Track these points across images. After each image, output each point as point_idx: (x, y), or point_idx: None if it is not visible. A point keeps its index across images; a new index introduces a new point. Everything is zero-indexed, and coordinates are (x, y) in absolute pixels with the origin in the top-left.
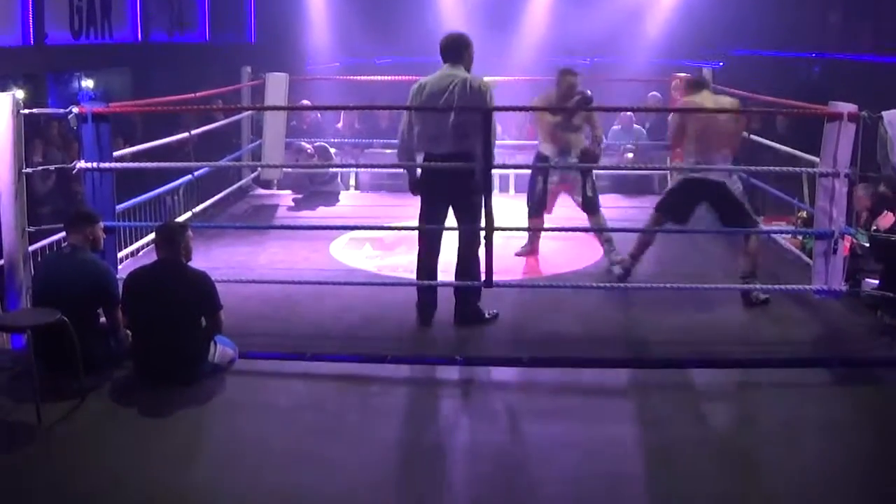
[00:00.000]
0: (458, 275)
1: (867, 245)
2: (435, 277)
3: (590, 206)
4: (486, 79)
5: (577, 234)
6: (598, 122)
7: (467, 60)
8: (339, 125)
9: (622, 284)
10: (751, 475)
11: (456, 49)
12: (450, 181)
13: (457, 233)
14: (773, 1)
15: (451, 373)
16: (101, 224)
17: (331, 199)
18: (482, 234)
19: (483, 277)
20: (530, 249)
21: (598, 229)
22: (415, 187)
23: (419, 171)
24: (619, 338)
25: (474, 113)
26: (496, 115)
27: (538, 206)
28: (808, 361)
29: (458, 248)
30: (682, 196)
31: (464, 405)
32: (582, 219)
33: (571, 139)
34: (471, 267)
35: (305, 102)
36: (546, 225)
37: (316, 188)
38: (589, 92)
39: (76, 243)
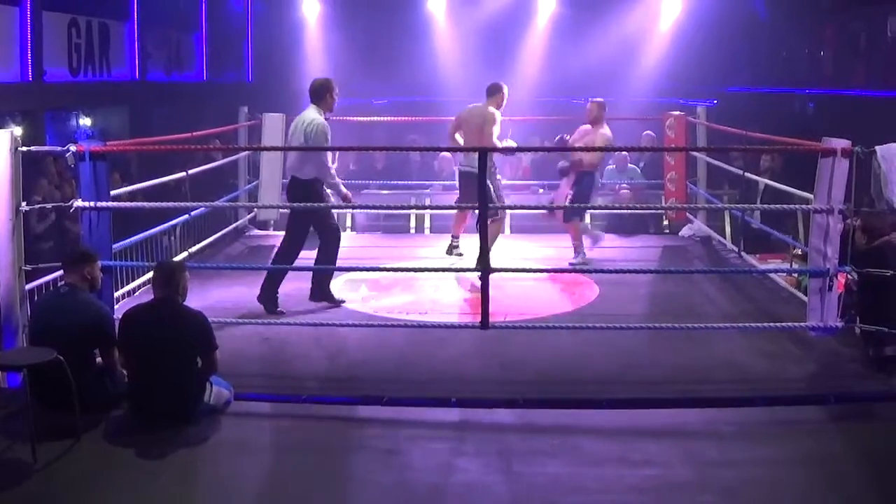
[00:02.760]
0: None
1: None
2: None
3: (566, 215)
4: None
5: (572, 274)
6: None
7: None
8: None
9: (618, 325)
10: None
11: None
12: None
13: None
14: (766, 38)
15: (446, 415)
16: (100, 263)
17: None
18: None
19: (480, 318)
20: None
21: None
22: None
23: None
24: (614, 378)
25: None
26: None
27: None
28: (803, 399)
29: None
30: None
31: (460, 447)
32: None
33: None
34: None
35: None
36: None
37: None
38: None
39: (74, 282)
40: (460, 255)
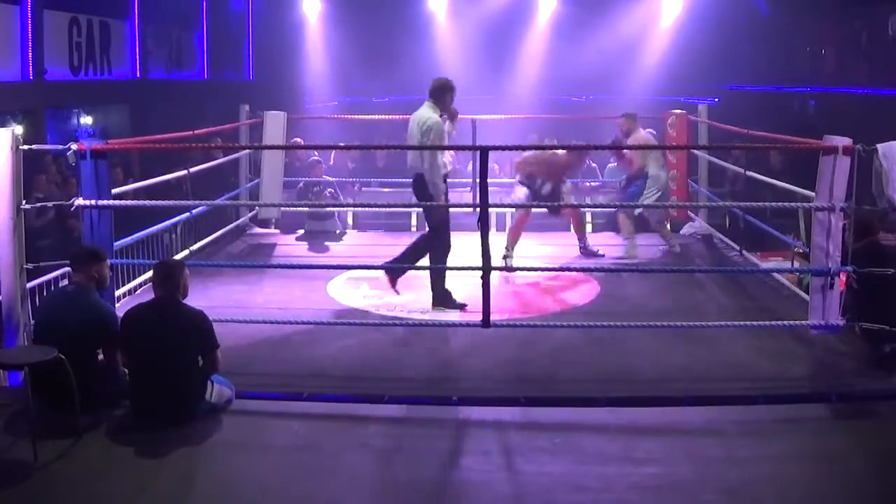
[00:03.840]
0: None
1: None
2: None
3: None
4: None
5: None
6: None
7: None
8: (332, 163)
9: (619, 324)
10: None
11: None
12: None
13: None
14: (768, 36)
15: (448, 413)
16: (108, 262)
17: (329, 237)
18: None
19: (481, 316)
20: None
21: None
22: None
23: None
24: (616, 377)
25: None
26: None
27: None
28: (805, 397)
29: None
30: None
31: (461, 446)
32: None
33: None
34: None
35: (298, 141)
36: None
37: (313, 225)
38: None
39: (81, 281)
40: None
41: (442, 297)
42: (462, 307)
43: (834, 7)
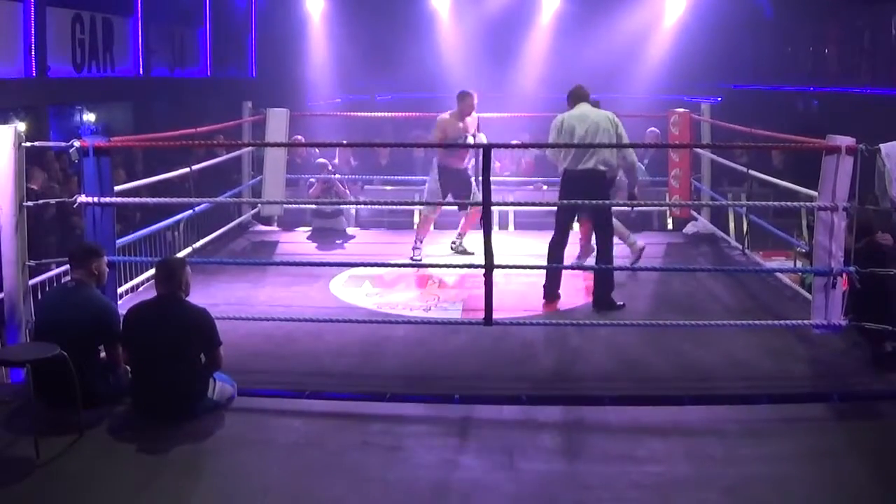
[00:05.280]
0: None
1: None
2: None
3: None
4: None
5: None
6: None
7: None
8: (336, 161)
9: (621, 322)
10: None
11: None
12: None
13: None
14: (771, 35)
15: (450, 411)
16: (106, 258)
17: (334, 235)
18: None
19: (483, 314)
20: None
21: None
22: None
23: None
24: (618, 375)
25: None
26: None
27: None
28: (807, 396)
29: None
30: None
31: (463, 444)
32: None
33: None
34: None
35: (299, 138)
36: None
37: (319, 223)
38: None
39: (80, 278)
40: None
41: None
42: (621, 306)
43: (837, 6)
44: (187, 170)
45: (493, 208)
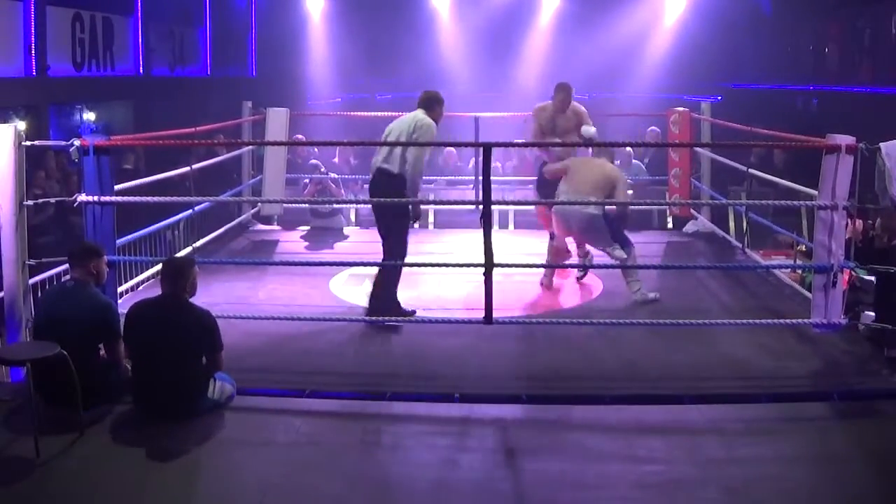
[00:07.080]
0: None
1: (866, 277)
2: None
3: None
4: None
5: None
6: None
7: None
8: (336, 160)
9: (621, 321)
10: None
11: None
12: None
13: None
14: (771, 34)
15: (450, 410)
16: (105, 258)
17: (334, 234)
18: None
19: (483, 314)
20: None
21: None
22: None
23: None
24: (618, 374)
25: None
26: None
27: None
28: (807, 395)
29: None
30: None
31: (463, 443)
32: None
33: None
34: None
35: (299, 137)
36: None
37: (317, 222)
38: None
39: (80, 277)
40: None
41: (387, 305)
42: (412, 314)
43: (837, 5)
44: (187, 169)
45: (492, 207)
